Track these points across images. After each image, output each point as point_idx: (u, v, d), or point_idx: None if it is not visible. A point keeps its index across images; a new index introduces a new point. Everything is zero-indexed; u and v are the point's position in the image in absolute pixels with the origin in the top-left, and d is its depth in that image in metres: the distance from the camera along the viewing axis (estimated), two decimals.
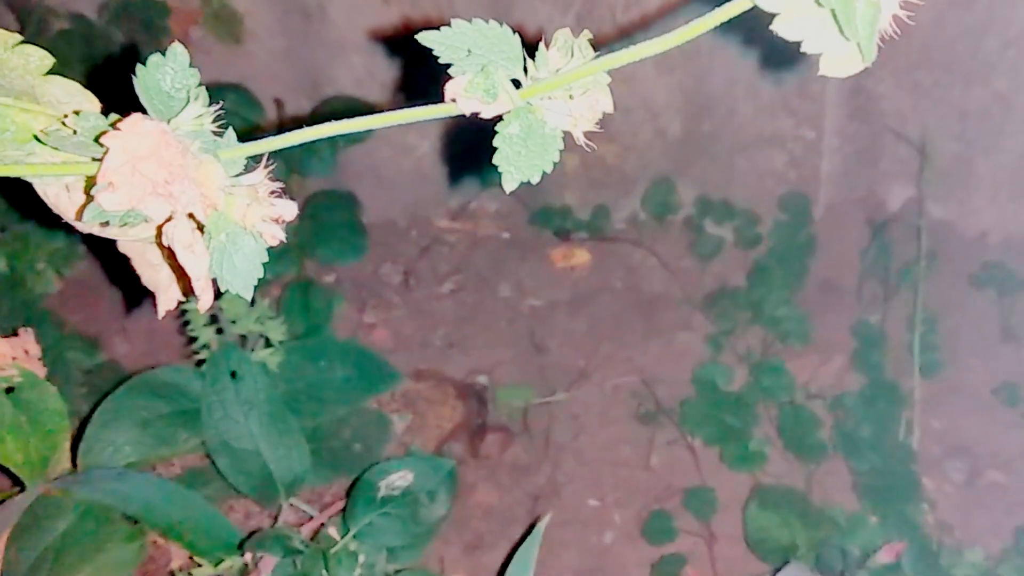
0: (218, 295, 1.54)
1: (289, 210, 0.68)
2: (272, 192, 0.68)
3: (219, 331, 1.53)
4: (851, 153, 2.14)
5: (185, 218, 0.65)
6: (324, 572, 1.39)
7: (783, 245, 2.11)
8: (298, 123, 0.68)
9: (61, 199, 0.74)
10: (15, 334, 1.36)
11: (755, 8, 0.57)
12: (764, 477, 1.82)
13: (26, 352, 1.35)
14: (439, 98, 0.68)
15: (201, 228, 0.67)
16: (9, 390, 1.35)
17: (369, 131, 1.96)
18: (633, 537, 1.80)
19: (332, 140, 1.97)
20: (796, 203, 2.14)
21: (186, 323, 1.53)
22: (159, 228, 0.68)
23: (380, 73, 2.11)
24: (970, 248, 2.09)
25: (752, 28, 1.92)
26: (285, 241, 0.69)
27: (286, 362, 1.59)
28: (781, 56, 1.93)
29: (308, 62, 2.11)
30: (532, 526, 1.49)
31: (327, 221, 2.01)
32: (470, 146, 2.07)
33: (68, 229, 0.76)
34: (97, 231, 0.74)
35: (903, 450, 1.79)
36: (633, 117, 2.14)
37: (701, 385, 1.91)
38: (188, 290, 0.76)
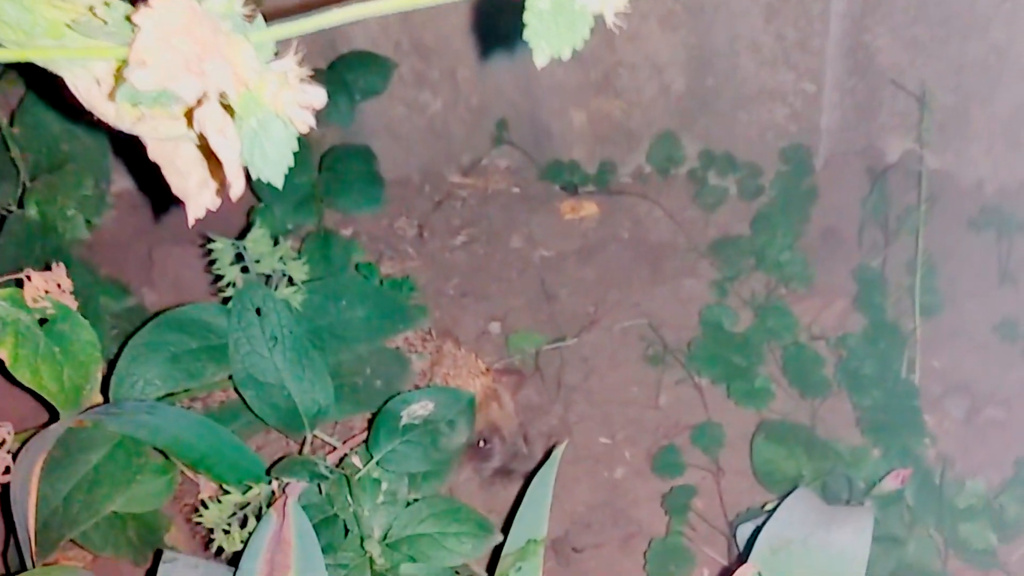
0: (245, 231, 1.51)
1: (319, 97, 0.65)
2: (302, 78, 0.65)
3: (244, 270, 1.51)
4: (850, 106, 2.10)
5: (216, 100, 0.62)
6: (348, 497, 1.37)
7: (785, 195, 2.08)
8: (317, 73, 0.65)
9: (92, 93, 0.71)
10: (48, 269, 1.34)
11: None
12: (769, 414, 1.79)
13: (59, 286, 1.33)
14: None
15: (233, 114, 0.64)
16: (43, 322, 1.32)
17: (386, 85, 1.95)
18: (643, 472, 1.78)
19: (350, 92, 1.95)
20: (797, 155, 2.10)
21: (212, 262, 1.50)
22: (190, 113, 0.65)
23: (394, 33, 2.08)
24: (967, 197, 2.06)
25: None
26: (315, 128, 0.66)
27: (308, 301, 1.56)
28: None
29: None
30: (548, 453, 1.47)
31: (345, 173, 1.99)
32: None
33: (100, 126, 0.73)
34: (128, 126, 0.71)
35: (905, 387, 1.76)
36: (638, 74, 2.10)
37: (708, 326, 1.89)
38: (221, 182, 0.73)
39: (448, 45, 2.10)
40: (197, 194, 0.81)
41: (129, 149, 2.04)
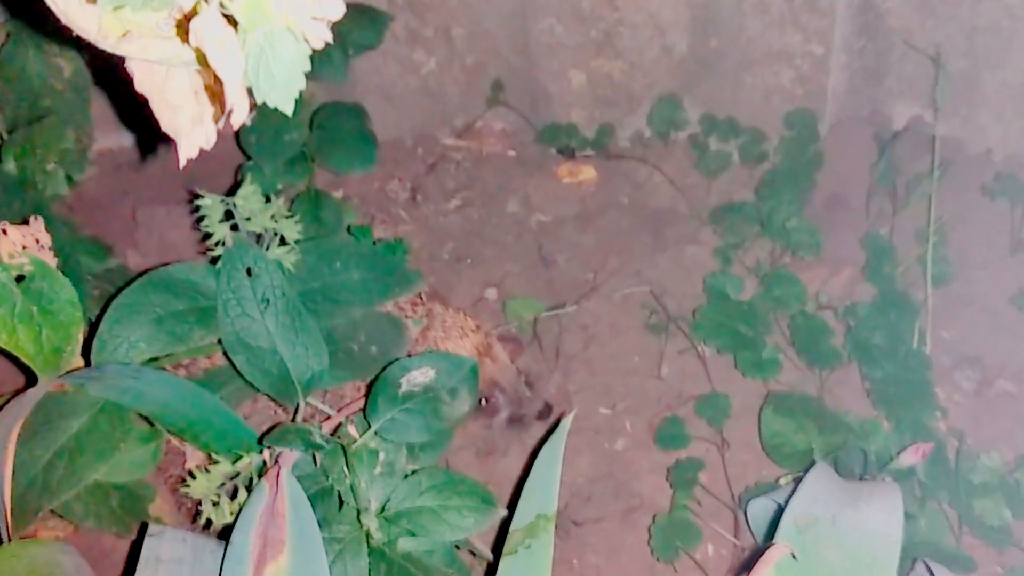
0: (233, 190, 1.40)
1: (336, 7, 0.56)
2: None
3: (234, 228, 1.40)
4: (858, 70, 2.02)
5: (217, 7, 0.52)
6: (344, 468, 1.28)
7: (790, 161, 2.00)
8: None
9: (72, 6, 0.60)
10: (25, 223, 1.23)
11: None
12: (776, 386, 1.71)
13: (37, 241, 1.23)
14: None
15: (236, 26, 0.54)
16: (19, 279, 1.22)
17: (380, 39, 1.85)
18: (645, 444, 1.70)
19: (343, 45, 1.84)
20: (802, 120, 2.02)
21: (200, 220, 1.40)
22: (184, 28, 0.55)
23: None
24: (975, 164, 1.99)
25: None
26: (331, 42, 0.56)
27: (302, 262, 1.46)
28: None
29: None
30: (554, 425, 1.38)
31: (337, 131, 1.89)
32: None
33: (79, 46, 0.63)
34: (112, 44, 0.61)
35: (916, 358, 1.68)
36: (640, 34, 2.01)
37: (712, 294, 1.80)
38: (220, 108, 0.63)
39: (443, 1, 2.00)
40: (190, 131, 0.71)
41: (112, 97, 1.94)
